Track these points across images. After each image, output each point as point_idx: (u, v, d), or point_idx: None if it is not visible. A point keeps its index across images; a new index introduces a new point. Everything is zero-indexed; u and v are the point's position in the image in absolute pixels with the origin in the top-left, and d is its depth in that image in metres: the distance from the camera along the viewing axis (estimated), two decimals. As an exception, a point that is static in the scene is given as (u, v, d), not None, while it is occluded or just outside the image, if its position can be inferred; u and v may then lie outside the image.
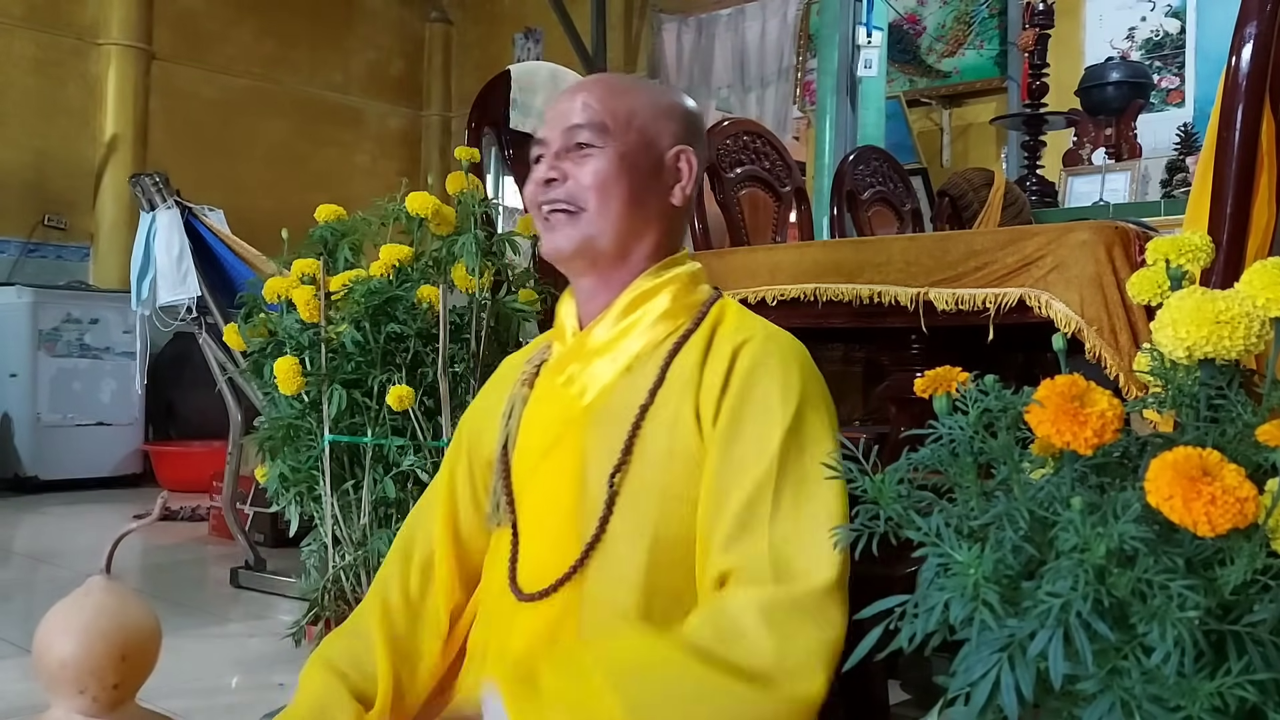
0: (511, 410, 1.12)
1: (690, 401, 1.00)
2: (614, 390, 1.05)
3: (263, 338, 1.74)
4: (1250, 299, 0.62)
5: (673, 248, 1.11)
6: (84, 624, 0.93)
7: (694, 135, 1.12)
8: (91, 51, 5.64)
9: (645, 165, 1.07)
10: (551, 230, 1.07)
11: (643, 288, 1.07)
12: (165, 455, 4.93)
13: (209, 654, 2.15)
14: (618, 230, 1.05)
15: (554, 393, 1.09)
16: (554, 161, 1.07)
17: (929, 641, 0.58)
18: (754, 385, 0.99)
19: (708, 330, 1.05)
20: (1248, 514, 0.51)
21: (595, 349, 1.07)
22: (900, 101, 4.65)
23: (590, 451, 1.03)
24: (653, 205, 1.08)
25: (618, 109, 1.06)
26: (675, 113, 1.11)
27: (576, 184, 1.05)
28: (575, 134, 1.06)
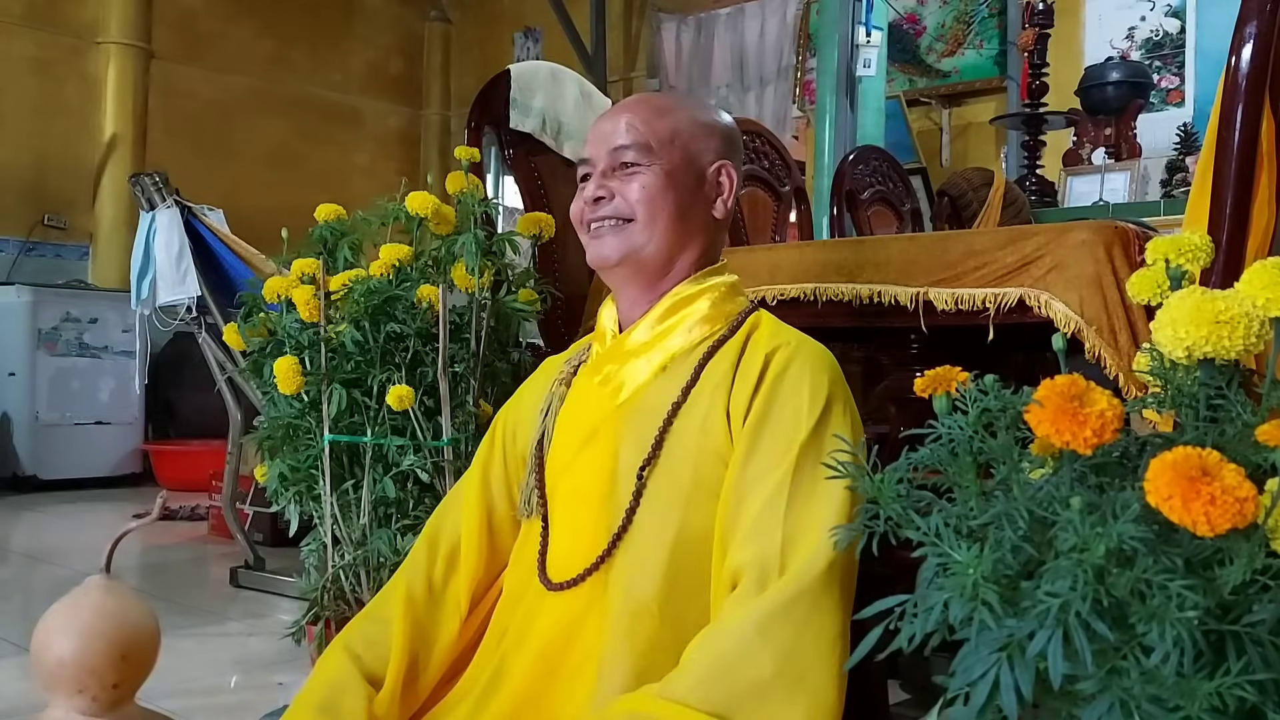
0: (549, 408, 1.16)
1: (722, 402, 1.04)
2: (649, 389, 1.09)
3: (262, 337, 1.74)
4: (1250, 299, 0.62)
5: (713, 258, 1.16)
6: (83, 623, 0.93)
7: (733, 150, 1.17)
8: (91, 51, 5.64)
9: (689, 181, 1.11)
10: (599, 239, 1.11)
11: (683, 294, 1.11)
12: (165, 454, 4.93)
13: (208, 654, 2.15)
14: (664, 242, 1.10)
15: (590, 391, 1.13)
16: (601, 180, 1.11)
17: (928, 641, 0.58)
18: (783, 389, 1.02)
19: (743, 337, 1.09)
20: (1247, 514, 0.51)
21: (633, 350, 1.11)
22: (900, 101, 4.65)
23: (623, 446, 1.07)
24: (697, 218, 1.12)
25: (661, 129, 1.11)
26: (715, 130, 1.16)
27: (624, 200, 1.10)
28: (621, 154, 1.10)
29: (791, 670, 0.89)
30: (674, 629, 0.98)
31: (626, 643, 0.99)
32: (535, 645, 1.04)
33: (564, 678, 1.02)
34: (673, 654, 0.96)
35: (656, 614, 0.99)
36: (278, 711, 1.48)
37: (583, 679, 1.01)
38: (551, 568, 1.08)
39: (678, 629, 0.98)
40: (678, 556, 1.01)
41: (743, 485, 0.99)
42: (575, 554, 1.06)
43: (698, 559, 1.00)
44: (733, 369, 1.05)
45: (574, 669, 1.02)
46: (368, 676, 1.10)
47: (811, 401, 1.01)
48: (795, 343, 1.07)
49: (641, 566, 1.01)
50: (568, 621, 1.04)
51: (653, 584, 1.00)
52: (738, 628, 0.91)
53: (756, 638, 0.90)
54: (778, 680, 0.88)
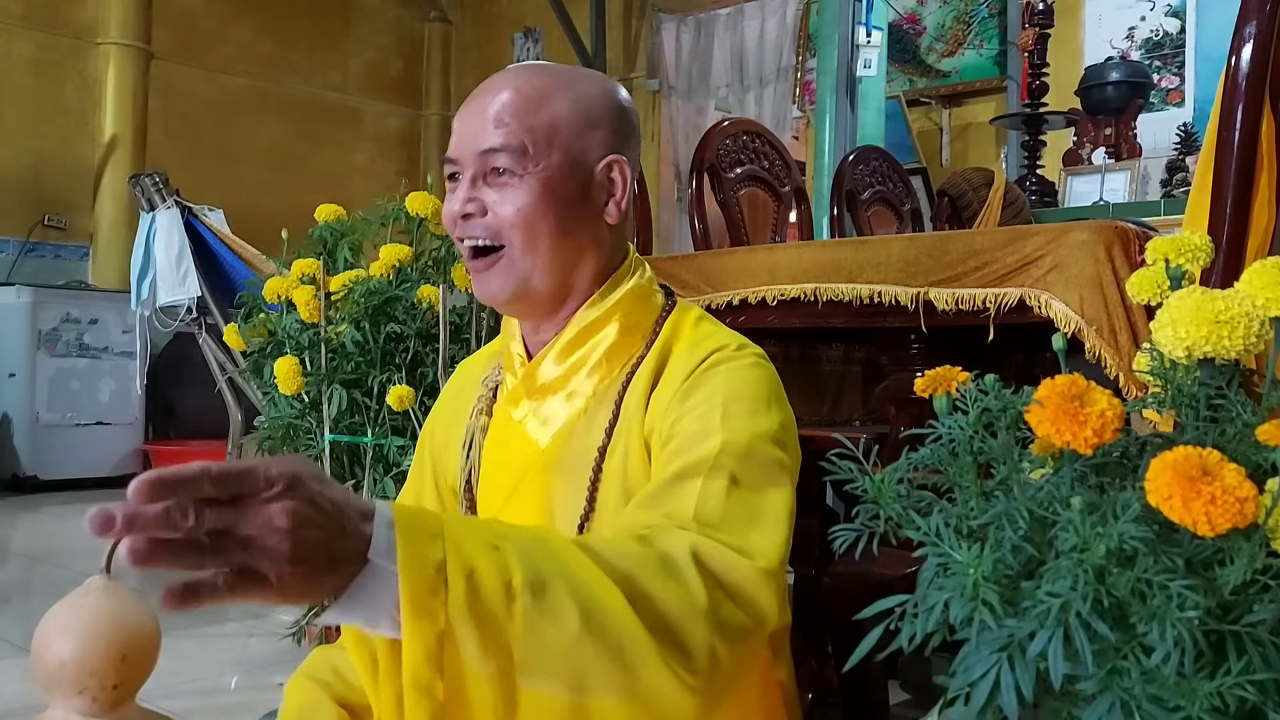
0: (471, 441, 1.07)
1: (639, 432, 0.96)
2: (572, 433, 1.00)
3: (262, 338, 1.74)
4: (1250, 299, 0.62)
5: (615, 263, 1.03)
6: (83, 624, 0.93)
7: (625, 137, 1.02)
8: (90, 51, 5.64)
9: (573, 189, 0.97)
10: (481, 276, 0.99)
11: (586, 320, 1.00)
12: (165, 455, 4.93)
13: (209, 654, 2.15)
14: (549, 267, 0.97)
15: (510, 428, 1.04)
16: (470, 191, 0.97)
17: (929, 642, 0.58)
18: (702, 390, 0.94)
19: (659, 354, 0.99)
20: (1247, 514, 0.51)
21: (546, 385, 1.02)
22: (900, 101, 4.65)
23: (555, 500, 0.99)
24: (586, 231, 0.99)
25: (537, 125, 0.96)
26: (602, 116, 1.00)
27: (496, 218, 0.96)
28: (491, 159, 0.95)
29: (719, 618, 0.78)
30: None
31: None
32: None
33: None
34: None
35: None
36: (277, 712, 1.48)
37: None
38: None
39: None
40: None
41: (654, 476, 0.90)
42: None
43: None
44: (646, 393, 0.96)
45: None
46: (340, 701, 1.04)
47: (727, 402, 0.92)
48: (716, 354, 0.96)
49: None
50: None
51: None
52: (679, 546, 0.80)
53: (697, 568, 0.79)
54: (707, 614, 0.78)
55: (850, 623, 0.92)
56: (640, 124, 1.06)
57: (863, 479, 0.67)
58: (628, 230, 1.06)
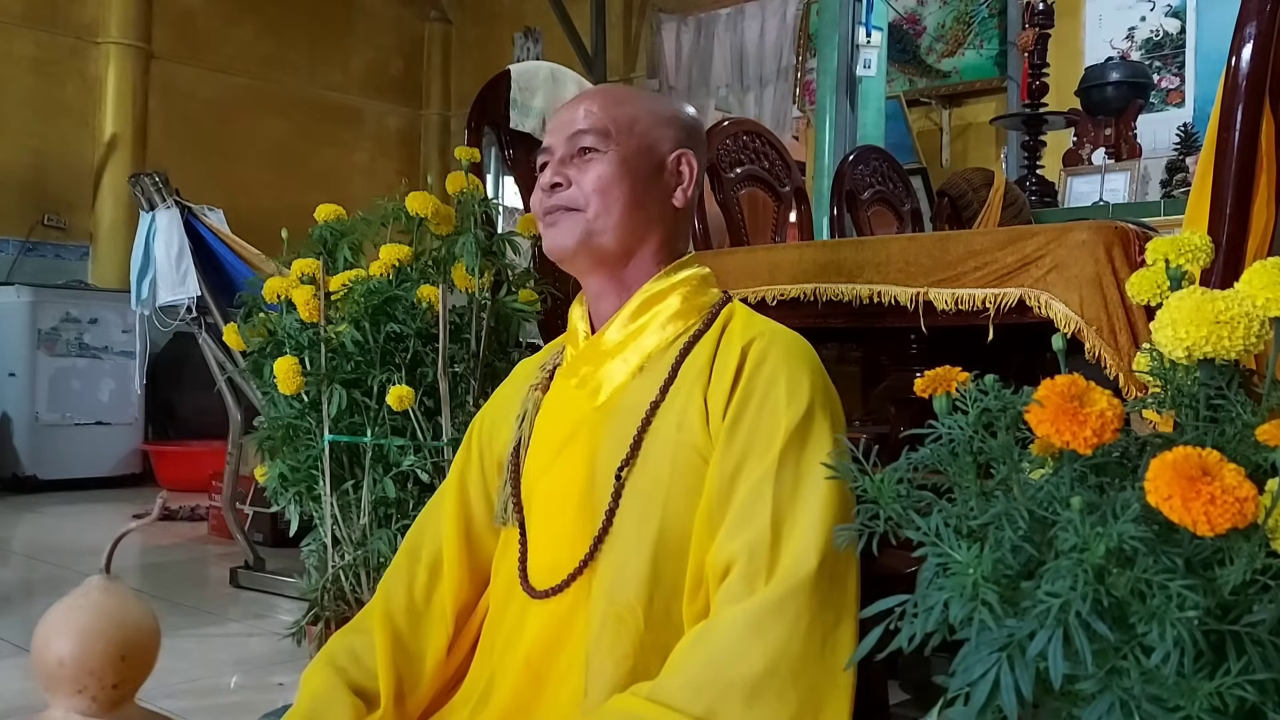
0: (525, 414, 1.14)
1: (699, 396, 1.03)
2: (627, 390, 1.07)
3: (262, 337, 1.74)
4: (1250, 299, 0.62)
5: (677, 249, 1.14)
6: (83, 624, 0.93)
7: (694, 140, 1.16)
8: (90, 51, 5.64)
9: (646, 168, 1.10)
10: (554, 227, 1.10)
11: (653, 290, 1.10)
12: (165, 455, 4.92)
13: (208, 654, 2.15)
14: (620, 229, 1.08)
15: (567, 395, 1.11)
16: (558, 168, 1.10)
17: (929, 641, 0.58)
18: (762, 382, 1.01)
19: (718, 330, 1.08)
20: (1247, 514, 0.51)
21: (608, 350, 1.10)
22: (900, 101, 4.65)
23: (601, 449, 1.05)
24: (654, 207, 1.10)
25: (619, 115, 1.10)
26: (675, 119, 1.15)
27: (579, 188, 1.08)
28: (579, 140, 1.09)
29: (785, 668, 0.88)
30: (658, 630, 0.97)
31: (611, 647, 0.98)
32: (521, 654, 1.03)
33: (551, 685, 1.01)
34: (659, 655, 0.95)
35: (641, 616, 0.98)
36: (277, 712, 1.48)
37: (569, 685, 1.00)
38: (533, 575, 1.06)
39: (662, 630, 0.97)
40: (659, 557, 0.99)
41: (725, 478, 0.98)
42: (556, 560, 1.04)
43: (680, 559, 0.99)
44: (709, 363, 1.04)
45: (561, 676, 1.01)
46: (354, 688, 1.08)
47: (791, 393, 1.00)
48: (770, 334, 1.06)
49: (623, 569, 1.00)
50: (552, 628, 1.02)
51: (635, 586, 0.99)
52: (729, 627, 0.90)
53: (749, 636, 0.89)
54: (769, 679, 0.87)
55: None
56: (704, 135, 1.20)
57: (863, 479, 0.67)
58: (688, 223, 1.17)
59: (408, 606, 1.14)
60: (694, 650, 0.91)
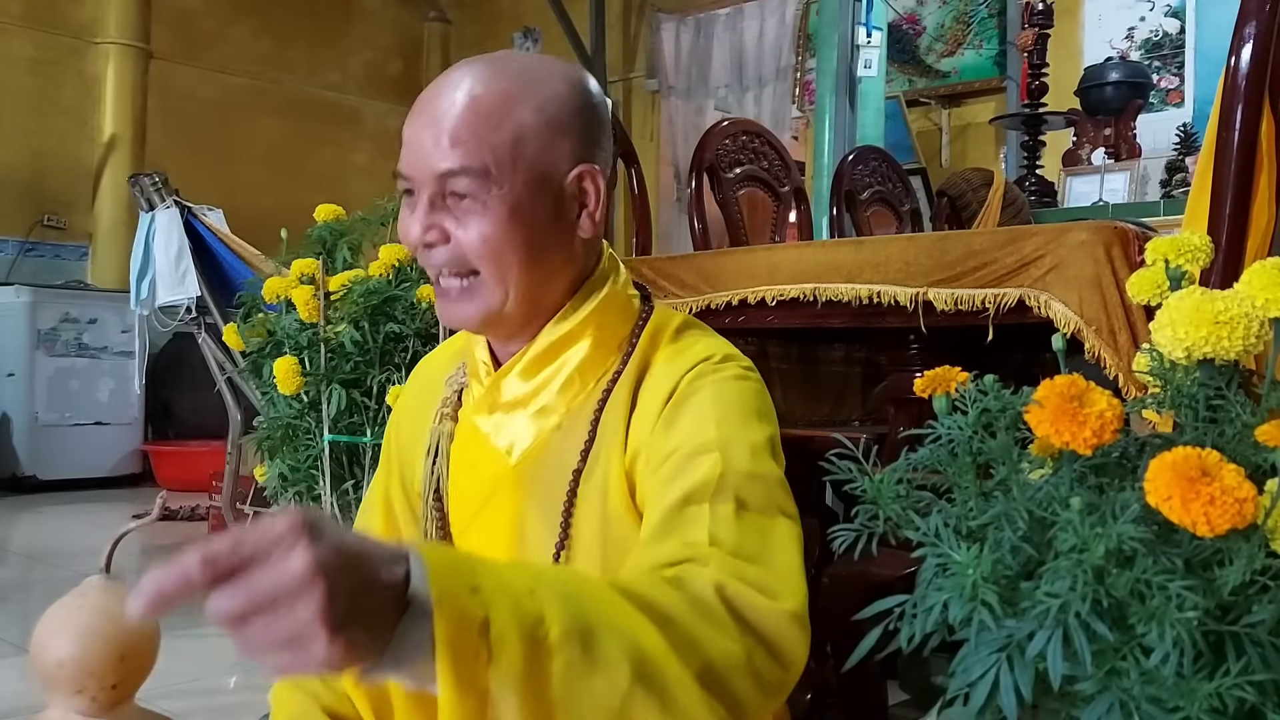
0: (437, 448, 1.00)
1: (619, 460, 0.90)
2: (545, 449, 0.93)
3: (261, 337, 1.74)
4: (1249, 299, 0.62)
5: (589, 273, 0.96)
6: (82, 624, 0.93)
7: (595, 140, 0.92)
8: (89, 51, 5.64)
9: (542, 208, 0.88)
10: (449, 303, 0.92)
11: (555, 335, 0.93)
12: (164, 455, 4.93)
13: (208, 654, 2.15)
14: (521, 293, 0.89)
15: (478, 440, 0.98)
16: (429, 216, 0.88)
17: (927, 642, 0.58)
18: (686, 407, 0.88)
19: (637, 368, 0.93)
20: (1247, 514, 0.51)
21: (513, 401, 0.95)
22: (899, 101, 4.65)
23: (526, 520, 0.93)
24: (558, 251, 0.91)
25: (499, 141, 0.86)
26: (570, 121, 0.90)
27: (460, 247, 0.88)
28: (449, 182, 0.86)
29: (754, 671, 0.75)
30: None
31: None
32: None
33: None
34: None
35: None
36: (276, 712, 1.47)
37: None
38: None
39: None
40: None
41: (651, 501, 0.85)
42: None
43: None
44: (625, 417, 0.90)
45: None
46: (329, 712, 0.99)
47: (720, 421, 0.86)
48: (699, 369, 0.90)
49: None
50: None
51: None
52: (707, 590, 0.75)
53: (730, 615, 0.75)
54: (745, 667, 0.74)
55: (849, 623, 0.92)
56: (609, 111, 0.97)
57: (862, 479, 0.67)
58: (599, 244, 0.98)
59: None
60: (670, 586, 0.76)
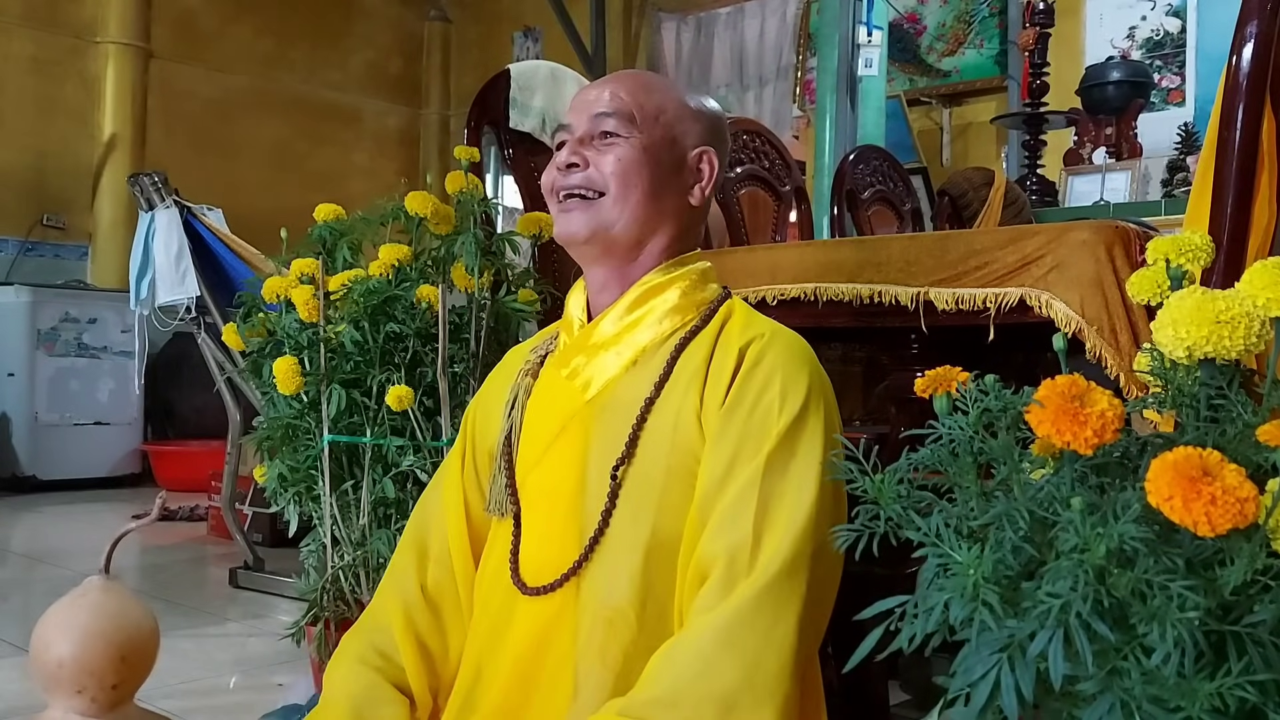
0: (515, 400, 1.11)
1: (694, 397, 1.00)
2: (619, 384, 1.04)
3: (261, 337, 1.74)
4: (1250, 299, 0.62)
5: (686, 246, 1.11)
6: (82, 624, 0.93)
7: (718, 138, 1.13)
8: (89, 50, 5.64)
9: (668, 161, 1.07)
10: (567, 214, 1.06)
11: (652, 283, 1.07)
12: (164, 455, 4.92)
13: (207, 654, 2.15)
14: (633, 220, 1.05)
15: (558, 385, 1.08)
16: (577, 147, 1.06)
17: (929, 642, 0.58)
18: (756, 384, 0.99)
19: (715, 328, 1.05)
20: (1248, 514, 0.51)
21: (601, 342, 1.07)
22: (900, 101, 4.65)
23: (594, 445, 1.03)
24: (671, 201, 1.07)
25: (646, 103, 1.07)
26: (702, 115, 1.11)
27: (598, 171, 1.05)
28: (602, 122, 1.05)
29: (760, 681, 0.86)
30: (650, 634, 0.95)
31: (602, 651, 0.96)
32: (510, 654, 1.01)
33: (541, 688, 0.99)
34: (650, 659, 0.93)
35: (633, 620, 0.96)
36: (277, 712, 1.48)
37: (559, 689, 0.98)
38: (524, 569, 1.03)
39: (654, 634, 0.95)
40: (651, 560, 0.97)
41: (714, 480, 0.96)
42: (546, 556, 1.02)
43: (672, 562, 0.97)
44: (705, 364, 1.01)
45: (550, 679, 0.99)
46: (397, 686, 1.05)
47: (785, 395, 0.98)
48: (769, 334, 1.03)
49: (615, 572, 0.98)
50: (540, 629, 1.00)
51: (627, 589, 0.96)
52: (698, 639, 0.88)
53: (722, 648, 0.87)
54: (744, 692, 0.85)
55: (850, 623, 0.92)
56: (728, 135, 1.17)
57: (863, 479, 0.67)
58: (701, 222, 1.14)
59: (424, 604, 1.11)
60: (666, 663, 0.89)
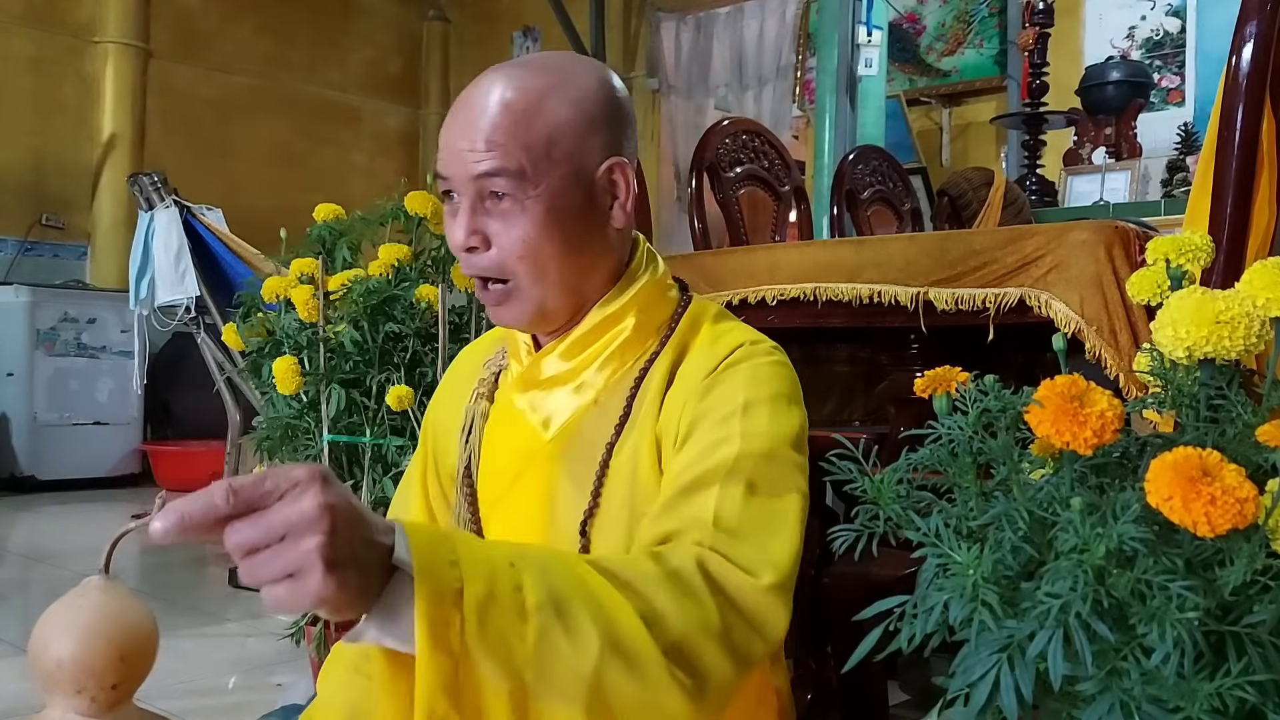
0: (471, 426, 1.04)
1: (650, 430, 0.93)
2: (580, 424, 0.97)
3: (261, 337, 1.74)
4: (1250, 299, 0.62)
5: (626, 260, 1.00)
6: (81, 624, 0.93)
7: (623, 133, 0.95)
8: (89, 50, 5.64)
9: (576, 203, 0.92)
10: (495, 310, 0.96)
11: (600, 316, 0.96)
12: (163, 455, 4.93)
13: (207, 654, 2.15)
14: (562, 289, 0.94)
15: (514, 416, 1.01)
16: (470, 221, 0.91)
17: (928, 642, 0.58)
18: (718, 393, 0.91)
19: (675, 350, 0.96)
20: (1247, 514, 0.51)
21: (555, 377, 0.99)
22: (900, 101, 4.65)
23: (558, 490, 0.97)
24: (594, 243, 0.94)
25: (533, 142, 0.88)
26: (600, 116, 0.93)
27: (500, 251, 0.91)
28: (487, 184, 0.89)
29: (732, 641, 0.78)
30: None
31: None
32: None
33: None
34: None
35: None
36: (276, 712, 1.48)
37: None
38: None
39: None
40: None
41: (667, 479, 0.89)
42: None
43: None
44: (661, 391, 0.93)
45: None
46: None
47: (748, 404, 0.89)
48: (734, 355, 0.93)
49: None
50: None
51: None
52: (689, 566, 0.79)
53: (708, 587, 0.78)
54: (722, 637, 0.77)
55: (850, 623, 0.92)
56: (633, 108, 1.00)
57: (862, 479, 0.67)
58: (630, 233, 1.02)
59: None
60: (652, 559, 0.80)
